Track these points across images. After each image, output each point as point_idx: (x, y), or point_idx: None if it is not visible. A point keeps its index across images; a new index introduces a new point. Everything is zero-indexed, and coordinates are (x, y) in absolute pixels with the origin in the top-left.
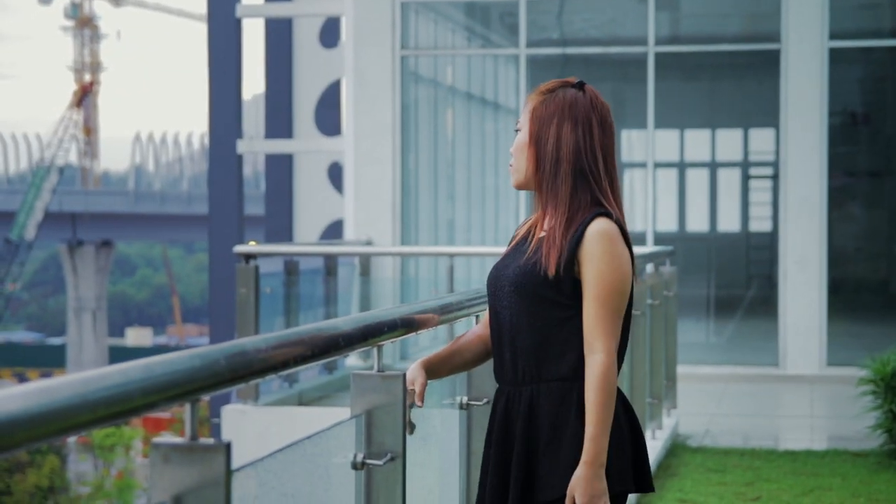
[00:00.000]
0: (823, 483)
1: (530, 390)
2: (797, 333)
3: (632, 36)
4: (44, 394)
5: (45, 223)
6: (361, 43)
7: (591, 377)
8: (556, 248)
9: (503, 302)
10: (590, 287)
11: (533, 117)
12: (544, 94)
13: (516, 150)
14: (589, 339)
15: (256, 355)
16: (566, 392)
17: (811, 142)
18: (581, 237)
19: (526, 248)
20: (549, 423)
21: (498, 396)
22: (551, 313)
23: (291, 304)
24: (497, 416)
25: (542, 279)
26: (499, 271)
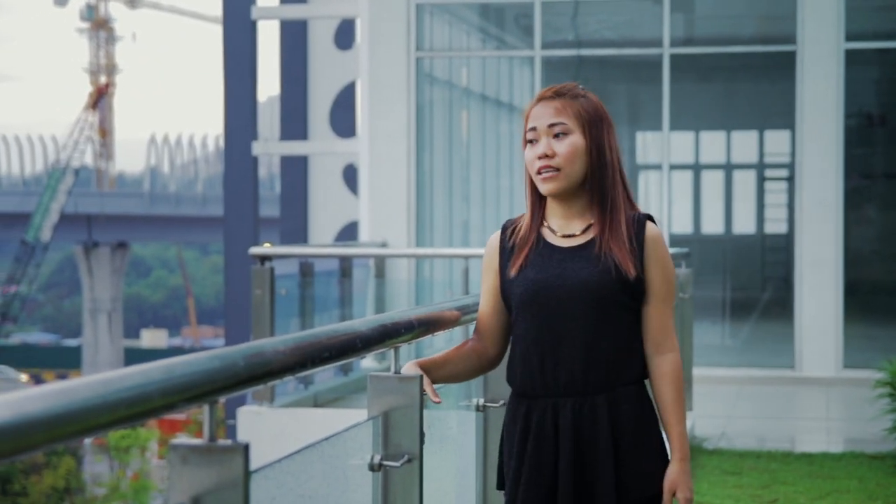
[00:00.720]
0: (840, 486)
1: (607, 397)
2: (813, 335)
3: (647, 37)
4: (64, 395)
5: (60, 225)
6: (376, 45)
7: (670, 375)
8: (629, 251)
9: (571, 311)
10: (656, 289)
11: (582, 122)
12: (575, 97)
13: (571, 155)
14: (658, 339)
15: (275, 356)
16: (642, 393)
17: (827, 143)
18: (643, 241)
19: (580, 252)
20: (633, 425)
21: (543, 410)
22: (625, 318)
23: (306, 305)
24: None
25: (621, 284)
26: (550, 279)
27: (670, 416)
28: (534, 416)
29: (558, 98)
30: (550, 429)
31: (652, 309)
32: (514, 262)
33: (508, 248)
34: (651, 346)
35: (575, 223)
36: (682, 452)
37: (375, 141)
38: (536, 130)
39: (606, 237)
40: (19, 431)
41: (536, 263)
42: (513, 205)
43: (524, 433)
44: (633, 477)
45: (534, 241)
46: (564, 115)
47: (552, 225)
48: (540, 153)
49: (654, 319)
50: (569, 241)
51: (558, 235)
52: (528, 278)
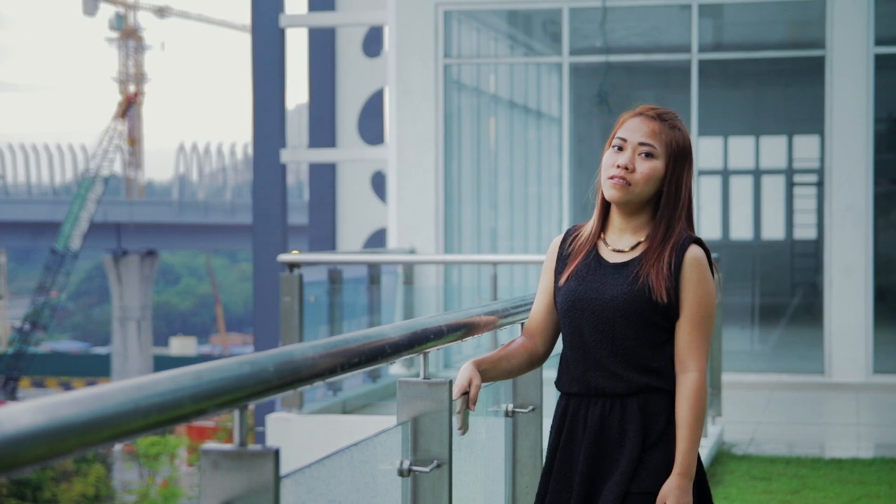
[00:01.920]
0: (870, 491)
1: (637, 399)
2: (843, 341)
3: (675, 43)
4: (96, 400)
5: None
6: (404, 52)
7: (686, 394)
8: (664, 277)
9: (598, 323)
10: (687, 311)
11: (670, 152)
12: (673, 127)
13: (649, 178)
14: (683, 358)
15: (304, 362)
16: (671, 401)
17: (856, 148)
18: (681, 264)
19: (621, 269)
20: (661, 431)
21: (577, 407)
22: (657, 334)
23: (335, 312)
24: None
25: (652, 306)
26: (588, 293)
27: (680, 433)
28: (569, 413)
29: (657, 121)
30: (581, 424)
31: (680, 329)
32: (565, 272)
33: (565, 255)
34: (677, 364)
35: (627, 238)
36: (682, 467)
37: (403, 148)
38: (626, 141)
39: (651, 262)
40: (53, 436)
41: (582, 275)
42: (541, 212)
43: (560, 428)
44: (648, 474)
45: (587, 252)
46: (657, 140)
47: (608, 237)
48: (621, 162)
49: (681, 339)
50: (616, 256)
51: (609, 249)
52: (570, 289)
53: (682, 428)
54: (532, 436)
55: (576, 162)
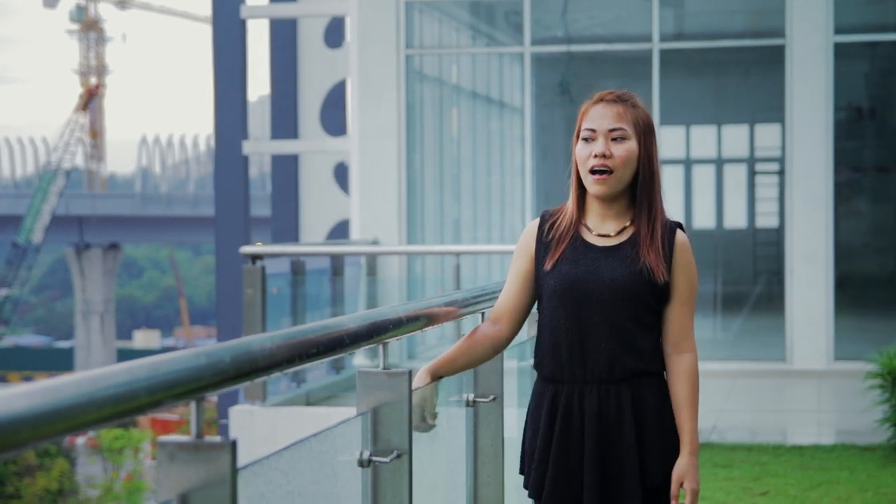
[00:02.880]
0: (831, 477)
1: (630, 385)
2: (804, 328)
3: (636, 33)
4: (50, 392)
5: (52, 227)
6: (366, 42)
7: (687, 373)
8: (661, 257)
9: (598, 306)
10: (679, 292)
11: (639, 130)
12: (634, 105)
13: (626, 160)
14: (677, 339)
15: (261, 353)
16: (662, 386)
17: (817, 137)
18: (673, 247)
19: (614, 253)
20: (654, 411)
21: (570, 394)
22: (649, 316)
23: (298, 304)
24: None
25: (650, 287)
26: (585, 275)
27: (683, 412)
28: (561, 400)
29: (620, 103)
30: (577, 411)
31: (674, 310)
32: (552, 257)
33: (546, 241)
34: (670, 345)
35: (610, 224)
36: (692, 446)
37: (366, 139)
38: (595, 131)
39: (647, 243)
40: (6, 429)
41: (572, 259)
42: (503, 202)
43: (551, 415)
44: (656, 460)
45: (571, 237)
46: (624, 122)
47: (589, 223)
48: (598, 151)
49: (674, 320)
50: (603, 240)
51: (594, 234)
52: (563, 272)
53: (686, 408)
54: (493, 425)
55: (538, 152)
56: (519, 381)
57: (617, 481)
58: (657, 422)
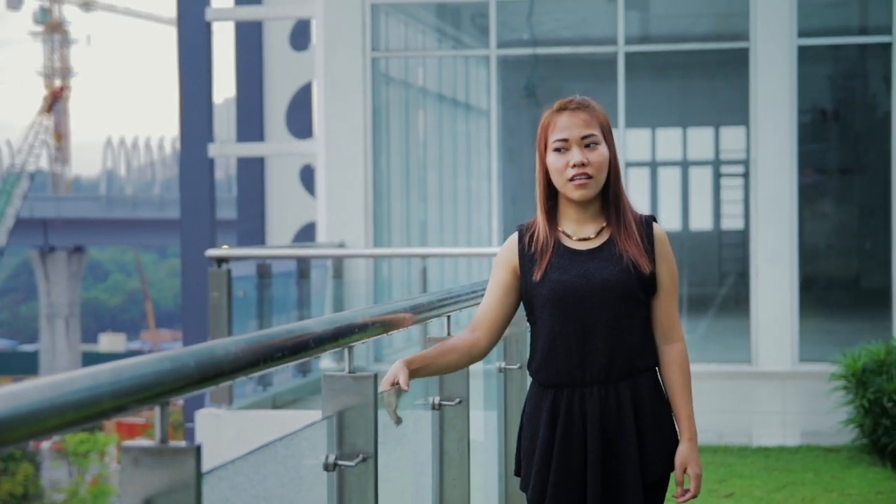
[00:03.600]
0: (796, 478)
1: (629, 384)
2: (769, 330)
3: (602, 36)
4: (12, 398)
5: (16, 229)
6: (332, 45)
7: (678, 362)
8: (642, 249)
9: (592, 308)
10: (665, 283)
11: (605, 133)
12: (594, 109)
13: (602, 165)
14: (667, 329)
15: (226, 357)
16: (657, 380)
17: (781, 139)
18: (653, 239)
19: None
20: (651, 409)
21: (570, 398)
22: (641, 312)
23: (265, 307)
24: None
25: (639, 281)
26: (575, 280)
27: (679, 400)
28: (561, 404)
29: (584, 110)
30: (578, 415)
31: (661, 302)
32: (540, 268)
33: (529, 255)
34: (660, 336)
35: (588, 227)
36: (690, 433)
37: (332, 142)
38: (568, 140)
39: (623, 238)
40: None
41: (559, 266)
42: (470, 205)
43: (552, 419)
44: (654, 456)
45: (553, 246)
46: (593, 127)
47: (566, 230)
48: (576, 161)
49: (663, 311)
50: (585, 244)
51: (574, 239)
52: (554, 280)
53: (681, 394)
54: (459, 428)
55: (505, 155)
56: (485, 384)
57: (619, 480)
58: (654, 418)
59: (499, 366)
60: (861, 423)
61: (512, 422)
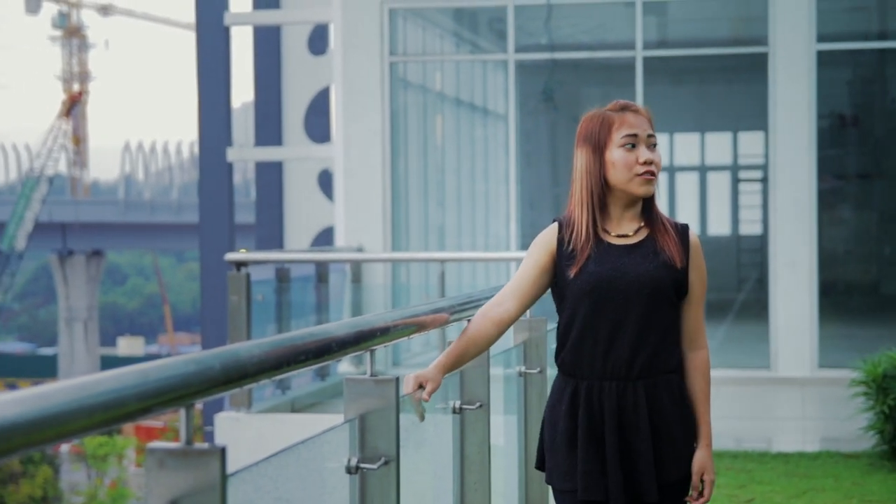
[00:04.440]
0: (816, 484)
1: (646, 383)
2: (788, 336)
3: (620, 40)
4: (40, 399)
5: (35, 233)
6: (350, 50)
7: (702, 369)
8: (678, 247)
9: (627, 301)
10: (695, 290)
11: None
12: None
13: (660, 166)
14: (693, 336)
15: (250, 360)
16: (679, 382)
17: (800, 144)
18: (688, 246)
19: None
20: (669, 411)
21: (589, 389)
22: (670, 313)
23: (283, 311)
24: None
25: (673, 280)
26: (610, 272)
27: (700, 406)
28: (581, 395)
29: (644, 113)
30: (597, 407)
31: (689, 308)
32: (578, 262)
33: (567, 250)
34: (686, 342)
35: (626, 225)
36: (707, 439)
37: (350, 146)
38: (637, 137)
39: (661, 235)
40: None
41: (597, 259)
42: (488, 209)
43: (573, 408)
44: (670, 458)
45: (593, 242)
46: (653, 128)
47: (606, 226)
48: (646, 158)
49: (690, 318)
50: (623, 240)
51: (612, 235)
52: (589, 271)
53: (702, 402)
54: (480, 432)
55: (523, 159)
56: (505, 389)
57: (635, 476)
58: (672, 420)
59: (519, 370)
60: (881, 429)
61: (532, 426)
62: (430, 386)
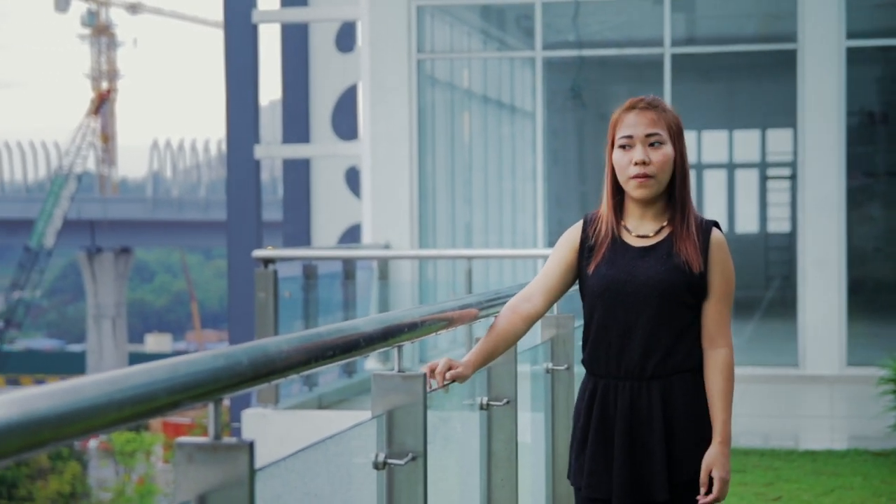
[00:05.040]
0: (844, 483)
1: (661, 383)
2: (817, 333)
3: (648, 37)
4: (71, 393)
5: (63, 231)
6: (377, 47)
7: (721, 368)
8: (696, 251)
9: (637, 304)
10: (716, 289)
11: (672, 133)
12: (664, 109)
13: (664, 164)
14: (713, 335)
15: (279, 355)
16: (696, 383)
17: (829, 142)
18: (708, 244)
19: (651, 252)
20: (683, 411)
21: (605, 389)
22: (685, 313)
23: (310, 308)
24: (616, 408)
25: (686, 282)
26: (620, 275)
27: (716, 404)
28: (598, 394)
29: (652, 109)
30: (612, 407)
31: (710, 306)
32: (594, 260)
33: (589, 246)
34: (706, 341)
35: (649, 224)
36: (722, 436)
37: (377, 143)
38: (632, 138)
39: (682, 238)
40: (27, 429)
41: (610, 260)
42: (515, 206)
43: (590, 408)
44: (683, 457)
45: (610, 239)
46: (659, 126)
47: (628, 225)
48: (637, 159)
49: (710, 316)
50: (642, 241)
51: (633, 235)
52: (601, 273)
53: (719, 399)
54: (507, 429)
55: (549, 156)
56: (532, 386)
57: (646, 475)
58: (687, 418)
59: (546, 367)
60: None
61: (559, 423)
62: (455, 371)
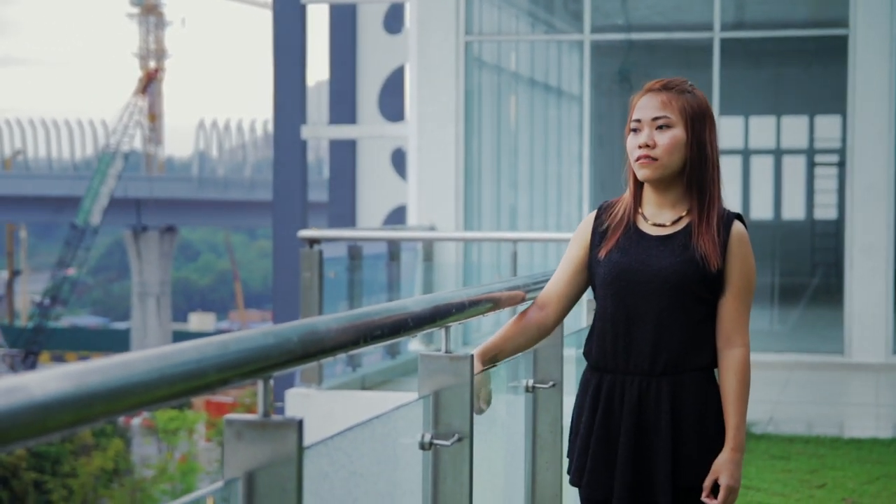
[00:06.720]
0: (889, 471)
1: (671, 380)
2: (863, 321)
3: (697, 21)
4: (122, 368)
5: (110, 209)
6: (425, 29)
7: (736, 368)
8: (715, 247)
9: (648, 295)
10: (733, 285)
11: (686, 117)
12: (682, 91)
13: (671, 147)
14: (729, 333)
15: (328, 334)
16: (709, 382)
17: (879, 128)
18: (728, 239)
19: (666, 242)
20: (694, 410)
21: (612, 384)
22: (699, 308)
23: (355, 288)
24: (623, 404)
25: (700, 277)
26: (633, 264)
27: (729, 408)
28: (603, 390)
29: (665, 91)
30: (618, 403)
31: (726, 303)
32: (606, 246)
33: (601, 231)
34: (722, 339)
35: (666, 213)
36: (734, 442)
37: (424, 125)
38: (641, 121)
39: (701, 230)
40: (80, 403)
41: (623, 247)
42: (560, 190)
43: (594, 405)
44: (689, 461)
45: (626, 226)
46: (669, 109)
47: (645, 212)
48: (641, 142)
49: (726, 313)
50: (658, 229)
51: (649, 223)
52: (613, 261)
53: (732, 403)
54: (552, 412)
55: (596, 140)
56: (577, 369)
57: (649, 476)
58: (696, 420)
59: None
60: None
61: None
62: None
